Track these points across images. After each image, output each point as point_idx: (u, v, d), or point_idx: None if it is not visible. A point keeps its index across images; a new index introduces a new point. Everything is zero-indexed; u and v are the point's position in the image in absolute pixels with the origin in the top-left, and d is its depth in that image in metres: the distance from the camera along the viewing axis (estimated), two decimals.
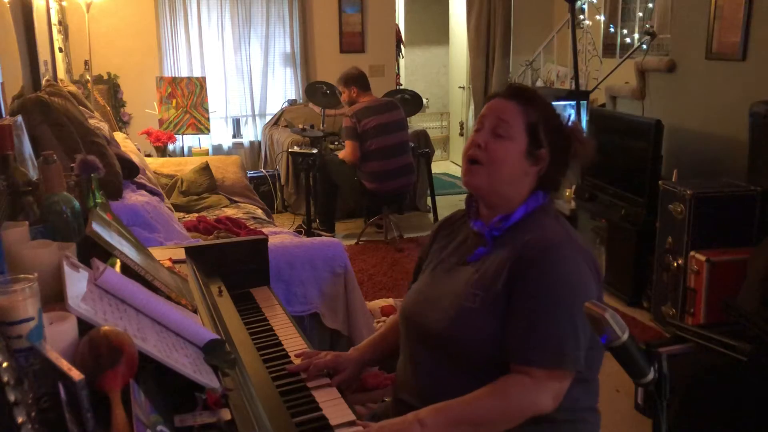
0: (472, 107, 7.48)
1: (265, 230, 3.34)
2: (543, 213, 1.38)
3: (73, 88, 4.21)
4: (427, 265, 1.53)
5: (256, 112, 6.41)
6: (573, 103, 4.60)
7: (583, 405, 1.36)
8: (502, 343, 1.28)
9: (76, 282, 1.09)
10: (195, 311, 1.39)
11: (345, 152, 4.67)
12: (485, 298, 1.31)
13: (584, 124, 4.48)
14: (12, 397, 0.74)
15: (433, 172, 5.74)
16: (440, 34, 8.69)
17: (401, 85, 7.68)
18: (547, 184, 1.40)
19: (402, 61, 8.12)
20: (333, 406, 1.35)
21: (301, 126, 5.08)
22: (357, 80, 4.72)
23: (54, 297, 1.08)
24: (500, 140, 1.35)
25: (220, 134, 6.33)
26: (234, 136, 6.45)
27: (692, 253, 3.16)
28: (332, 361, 1.50)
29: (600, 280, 1.37)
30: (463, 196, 1.53)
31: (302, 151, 4.96)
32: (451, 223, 1.55)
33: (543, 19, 6.79)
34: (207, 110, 5.71)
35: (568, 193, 4.41)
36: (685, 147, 4.01)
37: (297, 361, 1.52)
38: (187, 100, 5.64)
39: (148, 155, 5.27)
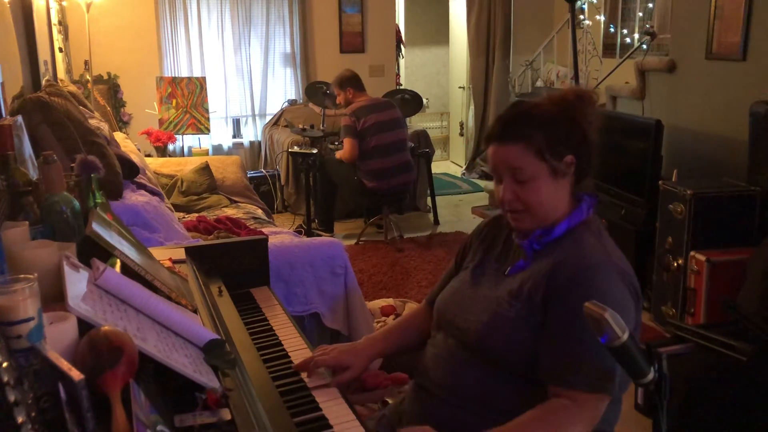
0: (472, 107, 7.48)
1: (265, 230, 3.34)
2: (585, 229, 1.36)
3: (73, 88, 4.21)
4: (468, 262, 1.52)
5: (256, 112, 6.41)
6: None
7: (607, 426, 1.35)
8: (533, 356, 1.27)
9: (76, 282, 1.09)
10: (195, 311, 1.39)
11: (344, 150, 4.68)
12: (521, 310, 1.30)
13: None
14: (12, 397, 0.74)
15: (433, 172, 5.75)
16: (440, 34, 8.69)
17: (401, 85, 7.68)
18: (582, 181, 1.39)
19: (402, 61, 8.12)
20: (333, 406, 1.35)
21: (301, 126, 5.08)
22: (351, 81, 4.77)
23: (54, 297, 1.08)
24: (525, 185, 1.33)
25: (220, 134, 6.33)
26: (234, 136, 6.45)
27: (692, 253, 3.16)
28: (336, 359, 1.47)
29: (639, 301, 1.34)
30: (463, 196, 1.52)
31: (302, 151, 4.96)
32: (500, 224, 1.52)
33: (543, 19, 6.80)
34: (207, 110, 5.71)
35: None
36: (685, 147, 4.01)
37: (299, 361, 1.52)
38: (187, 100, 5.64)
39: (148, 155, 5.27)
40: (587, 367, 1.22)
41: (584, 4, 5.70)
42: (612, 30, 5.40)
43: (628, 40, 5.19)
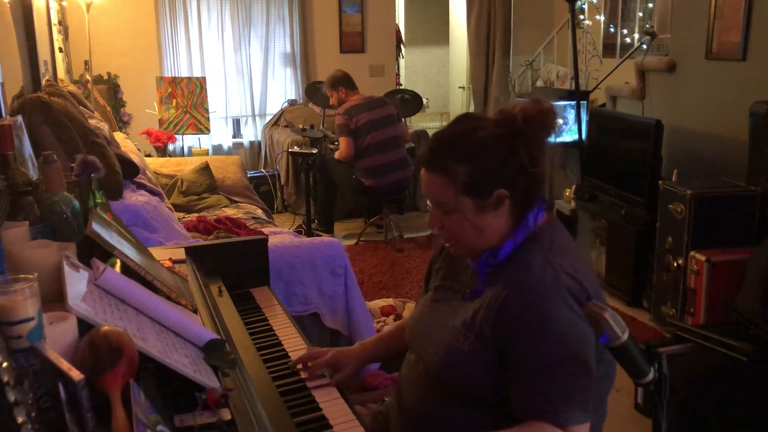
0: (472, 107, 7.48)
1: (265, 230, 3.34)
2: (533, 246, 1.27)
3: (73, 88, 4.21)
4: (432, 281, 1.48)
5: (256, 112, 6.41)
6: (573, 103, 4.60)
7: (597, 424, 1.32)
8: (509, 399, 1.22)
9: (76, 282, 1.09)
10: (195, 311, 1.39)
11: (340, 150, 4.69)
12: (474, 342, 1.25)
13: (584, 124, 4.49)
14: (12, 397, 0.74)
15: None
16: (440, 34, 8.69)
17: (401, 85, 7.68)
18: (528, 205, 1.28)
19: (402, 61, 8.11)
20: (333, 406, 1.36)
21: (301, 126, 5.08)
22: (342, 81, 4.79)
23: (54, 297, 1.08)
24: (450, 216, 1.27)
25: (220, 134, 6.33)
26: (234, 136, 6.45)
27: (692, 253, 3.16)
28: (332, 358, 1.50)
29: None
30: None
31: (302, 151, 4.97)
32: None
33: (543, 19, 6.79)
34: (207, 110, 5.71)
35: (567, 193, 4.41)
36: (685, 147, 4.01)
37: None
38: (187, 100, 5.64)
39: (148, 155, 5.27)
40: (567, 400, 1.17)
41: (584, 4, 5.69)
42: (612, 30, 5.40)
43: (628, 40, 5.19)
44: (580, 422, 1.18)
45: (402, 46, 7.58)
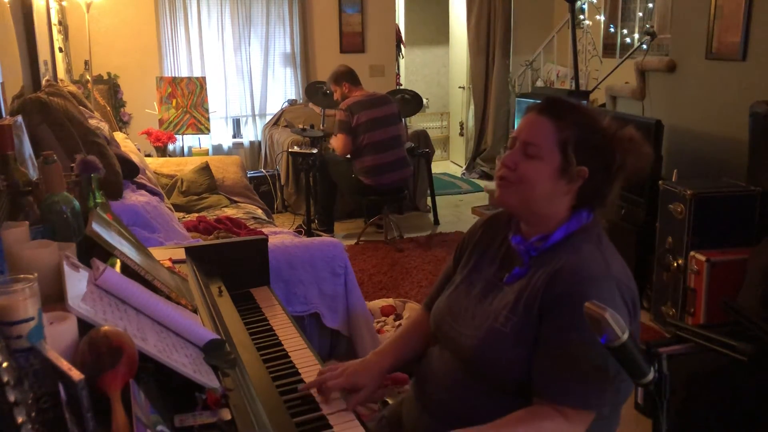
0: (472, 107, 7.48)
1: (265, 230, 3.34)
2: (584, 236, 1.31)
3: (73, 88, 4.21)
4: (462, 266, 1.47)
5: (256, 112, 6.41)
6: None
7: None
8: (530, 373, 1.24)
9: (76, 282, 1.09)
10: (195, 311, 1.39)
11: (336, 145, 4.67)
12: (517, 324, 1.26)
13: None
14: (12, 397, 0.74)
15: (433, 172, 5.75)
16: (440, 34, 8.69)
17: (401, 85, 7.68)
18: (589, 200, 1.33)
19: (402, 61, 8.11)
20: (333, 406, 1.35)
21: (301, 126, 5.08)
22: (347, 76, 4.76)
23: (54, 297, 1.08)
24: (530, 161, 1.29)
25: (220, 134, 6.33)
26: (234, 136, 6.45)
27: (692, 253, 3.16)
28: (349, 382, 1.40)
29: (637, 316, 1.31)
30: (463, 196, 1.49)
31: (302, 151, 4.96)
32: (497, 224, 1.47)
33: (543, 19, 6.80)
34: (207, 110, 5.71)
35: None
36: (685, 147, 4.01)
37: (299, 363, 1.52)
38: (187, 100, 5.64)
39: (148, 155, 5.27)
40: (580, 384, 1.19)
41: (584, 4, 5.70)
42: (612, 30, 5.40)
43: (628, 40, 5.19)
44: (580, 407, 1.19)
45: (402, 46, 7.58)
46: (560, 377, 1.20)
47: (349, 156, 4.72)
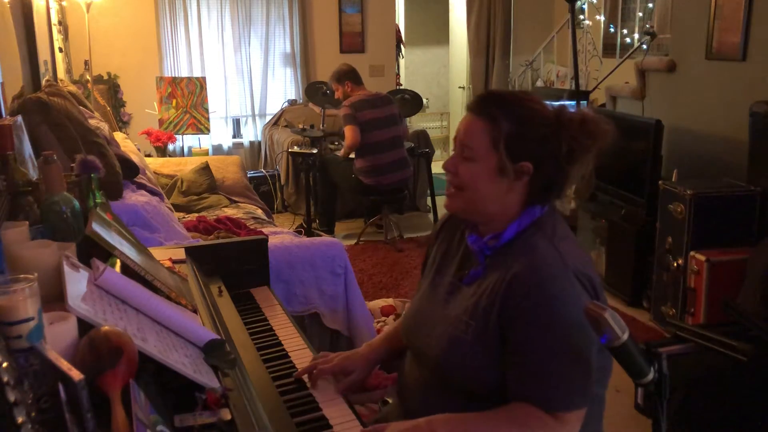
0: None
1: (265, 230, 3.34)
2: (537, 231, 1.27)
3: (73, 88, 4.21)
4: (427, 271, 1.48)
5: (256, 112, 6.41)
6: (573, 103, 4.60)
7: (596, 425, 1.32)
8: (498, 379, 1.22)
9: (76, 282, 1.09)
10: (195, 311, 1.39)
11: (346, 138, 4.61)
12: (477, 329, 1.24)
13: None
14: (12, 397, 0.74)
15: (433, 172, 5.74)
16: (440, 34, 8.68)
17: (401, 85, 7.68)
18: (542, 193, 1.29)
19: (402, 61, 8.11)
20: (333, 406, 1.35)
21: (301, 126, 5.08)
22: (349, 75, 4.75)
23: (54, 297, 1.08)
24: (468, 163, 1.27)
25: (220, 134, 6.33)
26: (234, 136, 6.45)
27: (692, 253, 3.16)
28: (339, 366, 1.45)
29: (600, 298, 1.27)
30: None
31: (302, 151, 4.96)
32: (455, 222, 1.46)
33: (543, 19, 6.80)
34: (207, 110, 5.71)
35: (568, 192, 4.40)
36: (685, 147, 4.01)
37: (299, 363, 1.52)
38: (187, 100, 5.64)
39: (148, 155, 5.27)
40: (560, 387, 1.17)
41: (584, 4, 5.70)
42: (612, 30, 5.40)
43: (628, 40, 5.19)
44: (569, 409, 1.18)
45: (402, 46, 7.58)
46: (539, 386, 1.18)
47: (351, 156, 4.71)
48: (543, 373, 1.18)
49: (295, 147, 5.13)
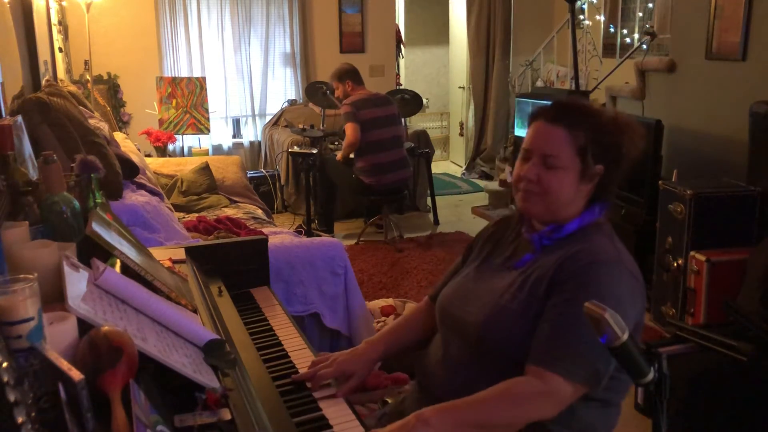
0: (472, 107, 7.48)
1: (265, 230, 3.34)
2: (597, 229, 1.37)
3: (73, 88, 4.21)
4: (472, 260, 1.52)
5: (256, 112, 6.41)
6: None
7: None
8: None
9: (76, 282, 1.09)
10: (195, 311, 1.39)
11: (347, 136, 4.59)
12: (524, 301, 1.30)
13: None
14: (12, 397, 0.74)
15: (433, 172, 5.75)
16: (440, 34, 8.68)
17: (401, 85, 7.68)
18: (602, 194, 1.38)
19: (402, 61, 8.11)
20: (333, 406, 1.35)
21: (301, 126, 5.08)
22: (350, 74, 4.76)
23: (54, 297, 1.08)
24: (552, 171, 1.33)
25: (220, 134, 6.33)
26: (234, 136, 6.45)
27: (692, 253, 3.16)
28: (338, 370, 1.45)
29: (643, 306, 1.33)
30: (463, 196, 1.51)
31: (302, 151, 4.96)
32: (509, 222, 1.52)
33: (543, 19, 6.79)
34: (207, 110, 5.71)
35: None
36: (685, 147, 4.01)
37: (299, 363, 1.52)
38: (187, 100, 5.64)
39: (148, 155, 5.27)
40: (566, 351, 1.21)
41: (584, 4, 5.70)
42: (612, 30, 5.40)
43: (628, 40, 5.19)
44: (567, 377, 1.20)
45: (402, 46, 7.58)
46: (551, 343, 1.23)
47: (351, 155, 4.70)
48: (557, 335, 1.23)
49: (295, 147, 5.13)
